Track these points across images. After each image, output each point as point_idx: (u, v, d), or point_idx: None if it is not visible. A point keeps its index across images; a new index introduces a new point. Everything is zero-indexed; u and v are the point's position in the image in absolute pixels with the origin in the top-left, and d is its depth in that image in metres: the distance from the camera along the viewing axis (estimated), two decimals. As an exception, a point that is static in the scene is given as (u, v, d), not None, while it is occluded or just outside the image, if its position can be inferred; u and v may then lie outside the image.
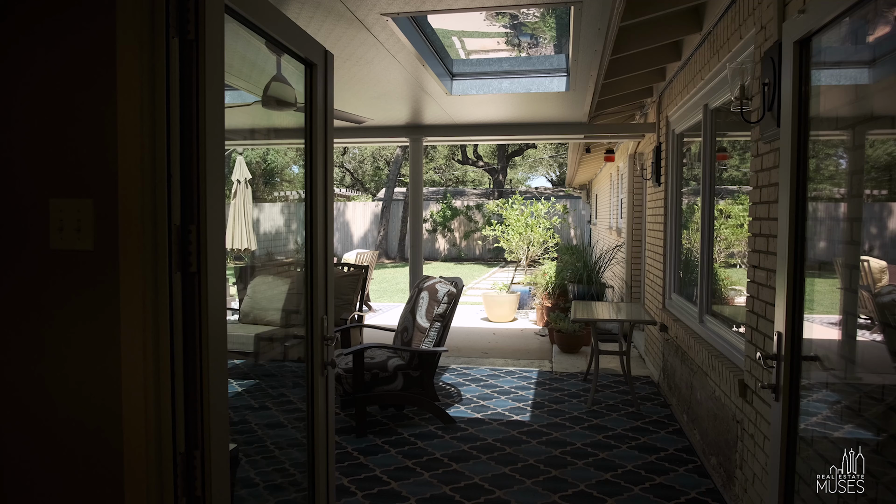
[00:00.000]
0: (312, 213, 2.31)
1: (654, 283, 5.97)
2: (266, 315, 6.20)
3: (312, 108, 2.30)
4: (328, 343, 2.34)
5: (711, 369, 3.65)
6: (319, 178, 2.32)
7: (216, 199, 1.58)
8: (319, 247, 2.32)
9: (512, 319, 9.23)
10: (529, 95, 5.07)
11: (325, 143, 2.37)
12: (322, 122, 2.34)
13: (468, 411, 4.86)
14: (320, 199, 2.32)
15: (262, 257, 13.21)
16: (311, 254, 2.31)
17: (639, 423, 4.53)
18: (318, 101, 2.31)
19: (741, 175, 4.29)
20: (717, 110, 4.11)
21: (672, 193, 5.36)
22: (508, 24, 8.93)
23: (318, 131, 2.31)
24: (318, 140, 2.31)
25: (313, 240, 2.30)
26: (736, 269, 4.29)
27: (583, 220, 21.92)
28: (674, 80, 4.99)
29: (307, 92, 2.30)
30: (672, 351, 4.92)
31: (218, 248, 1.58)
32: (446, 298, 4.55)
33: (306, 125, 2.31)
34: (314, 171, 2.31)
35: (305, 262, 2.33)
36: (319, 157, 2.32)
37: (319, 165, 2.32)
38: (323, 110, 2.35)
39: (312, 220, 2.31)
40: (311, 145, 2.30)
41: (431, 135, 6.56)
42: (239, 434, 4.52)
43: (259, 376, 6.04)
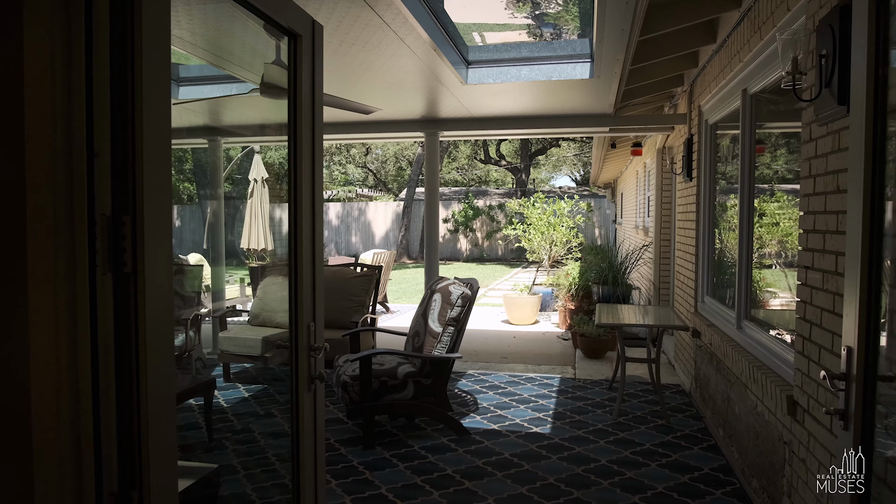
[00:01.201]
0: (297, 208, 2.02)
1: (684, 284, 5.58)
2: (275, 317, 5.96)
3: (297, 89, 2.01)
4: (315, 354, 2.06)
5: (752, 381, 3.28)
6: (305, 166, 2.03)
7: (159, 185, 1.30)
8: (305, 245, 2.03)
9: (533, 322, 8.88)
10: (550, 84, 4.74)
11: (313, 129, 2.08)
12: (308, 105, 2.05)
13: (484, 422, 4.54)
14: (306, 193, 2.03)
15: (276, 258, 13.05)
16: (294, 253, 2.02)
17: (669, 438, 4.17)
18: (304, 79, 2.02)
19: (777, 171, 3.90)
20: (757, 98, 3.73)
21: (705, 189, 4.97)
22: (530, 14, 8.58)
23: (303, 115, 2.02)
24: (303, 125, 2.02)
25: (298, 237, 2.02)
26: (771, 269, 3.91)
27: (608, 219, 21.41)
28: (707, 65, 4.60)
29: (290, 69, 2.02)
30: (706, 359, 4.54)
31: (160, 245, 1.30)
32: (460, 301, 4.24)
33: (290, 108, 2.03)
34: (299, 159, 2.02)
35: (289, 262, 2.04)
36: (305, 144, 2.04)
37: (305, 153, 2.04)
38: (310, 91, 2.06)
39: (297, 215, 2.02)
40: (296, 131, 2.02)
41: (447, 129, 6.26)
42: (240, 444, 4.27)
43: (267, 380, 5.81)
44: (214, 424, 4.52)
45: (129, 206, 1.25)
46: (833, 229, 2.25)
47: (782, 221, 3.80)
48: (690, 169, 5.32)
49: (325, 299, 5.96)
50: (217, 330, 6.19)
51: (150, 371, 1.28)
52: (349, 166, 32.01)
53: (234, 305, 9.42)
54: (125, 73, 1.24)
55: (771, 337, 3.38)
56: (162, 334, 1.31)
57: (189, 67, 5.33)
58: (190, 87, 5.26)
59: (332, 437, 4.27)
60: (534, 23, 8.84)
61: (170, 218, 1.34)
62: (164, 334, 1.32)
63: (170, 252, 1.34)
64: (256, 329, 5.84)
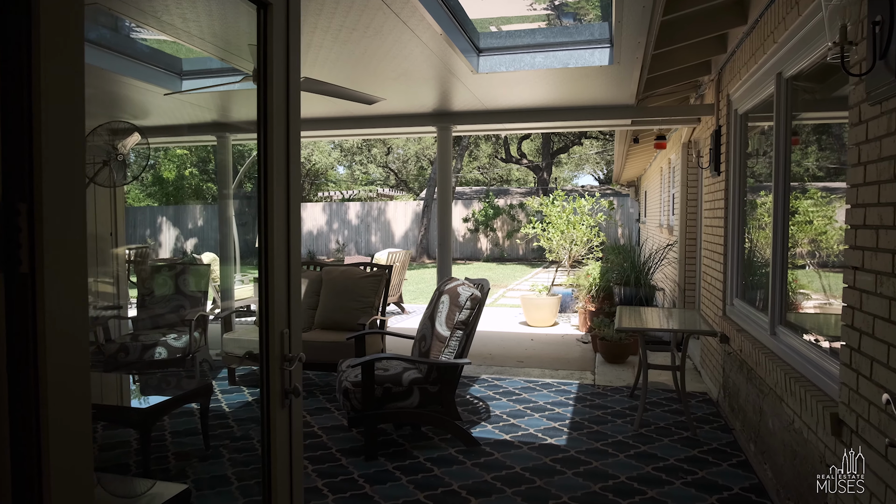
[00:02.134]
0: (267, 198, 1.78)
1: (712, 286, 5.24)
2: (282, 318, 5.76)
3: (266, 69, 1.77)
4: (289, 365, 1.82)
5: (788, 394, 2.96)
6: (278, 156, 1.80)
7: (64, 167, 1.06)
8: (277, 240, 1.79)
9: (552, 324, 8.57)
10: (567, 72, 4.45)
11: (287, 115, 1.84)
12: (281, 87, 1.81)
13: (496, 431, 4.27)
14: (278, 186, 1.80)
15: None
16: (265, 249, 1.79)
17: (696, 452, 3.85)
18: (276, 57, 1.78)
19: (812, 165, 3.57)
20: (794, 83, 3.40)
21: (734, 184, 4.63)
22: (550, 5, 8.27)
23: (274, 99, 1.78)
24: (274, 110, 1.78)
25: (268, 231, 1.78)
26: (804, 270, 3.58)
27: (631, 218, 20.93)
28: (737, 49, 4.27)
29: (259, 45, 1.78)
30: (735, 366, 4.21)
31: (66, 240, 1.07)
32: (469, 303, 3.98)
33: (259, 91, 1.79)
34: (270, 150, 1.78)
35: (259, 260, 1.81)
36: (278, 131, 1.80)
37: (278, 142, 1.80)
38: (283, 71, 1.82)
39: (267, 206, 1.78)
40: (266, 117, 1.78)
41: (460, 122, 5.99)
42: (237, 453, 4.07)
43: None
44: (214, 430, 4.34)
45: (24, 192, 1.02)
46: (889, 224, 1.94)
47: (816, 219, 3.50)
48: (718, 163, 4.98)
49: (331, 300, 5.69)
50: (224, 331, 6.02)
51: (54, 393, 1.05)
52: (370, 166, 31.94)
53: (248, 305, 9.30)
54: (19, 30, 1.01)
55: (809, 345, 3.05)
56: (70, 348, 1.08)
57: (192, 60, 5.16)
58: (193, 80, 5.09)
59: (333, 446, 4.05)
60: (553, 13, 8.53)
61: (81, 209, 1.11)
62: (72, 348, 1.08)
63: (81, 249, 1.10)
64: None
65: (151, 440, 3.72)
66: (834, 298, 3.39)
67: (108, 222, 7.34)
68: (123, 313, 6.94)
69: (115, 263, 7.39)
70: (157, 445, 4.08)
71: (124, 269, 7.49)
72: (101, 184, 7.03)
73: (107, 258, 7.23)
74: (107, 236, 7.25)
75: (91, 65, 4.73)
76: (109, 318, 6.39)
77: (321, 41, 3.76)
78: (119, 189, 7.59)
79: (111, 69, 4.92)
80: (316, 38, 3.69)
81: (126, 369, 5.21)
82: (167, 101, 5.72)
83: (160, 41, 5.12)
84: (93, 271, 6.98)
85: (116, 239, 7.47)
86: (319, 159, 30.15)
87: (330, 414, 4.70)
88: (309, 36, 3.66)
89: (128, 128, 6.80)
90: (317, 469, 3.67)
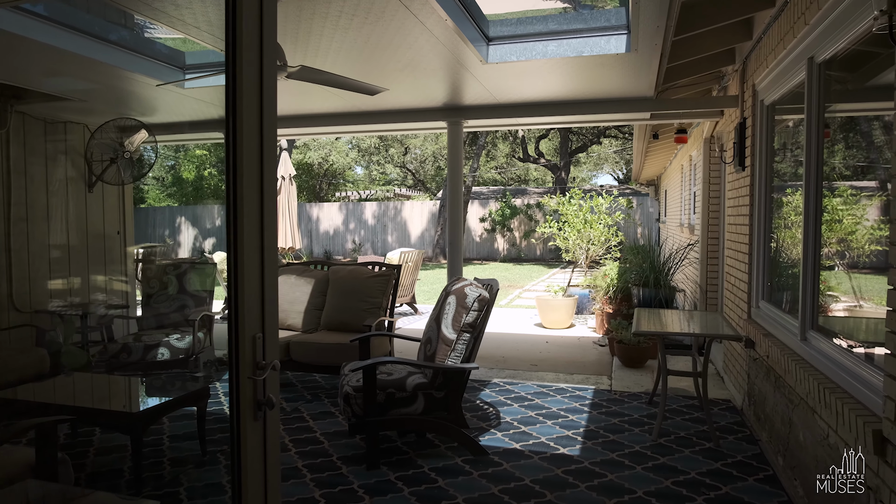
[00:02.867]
0: (237, 188, 1.60)
1: (735, 287, 4.97)
2: (287, 318, 5.61)
3: (236, 44, 1.59)
4: (261, 373, 1.63)
5: (822, 405, 2.71)
6: (249, 144, 1.61)
7: None
8: (248, 232, 1.61)
9: (568, 326, 8.32)
10: (582, 61, 4.22)
11: (261, 98, 1.65)
12: (254, 64, 1.63)
13: (505, 440, 4.06)
14: (250, 176, 1.61)
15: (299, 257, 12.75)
16: (235, 246, 1.60)
17: (719, 465, 3.60)
18: (246, 33, 1.59)
19: (844, 161, 3.31)
20: (827, 69, 3.14)
21: (761, 179, 4.36)
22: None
23: (245, 80, 1.59)
24: (245, 93, 1.59)
25: (239, 226, 1.59)
26: (832, 271, 3.33)
27: (650, 217, 20.53)
28: (764, 35, 4.01)
29: (228, 21, 1.59)
30: (761, 373, 3.95)
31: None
32: (476, 305, 3.77)
33: (227, 71, 1.61)
34: (240, 138, 1.60)
35: (227, 255, 1.62)
36: (249, 112, 1.61)
37: (249, 123, 1.61)
38: (255, 45, 1.63)
39: (237, 198, 1.60)
40: (235, 100, 1.59)
41: (471, 117, 5.78)
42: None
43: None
44: (213, 435, 4.18)
45: None
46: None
47: (845, 217, 3.25)
48: (743, 157, 4.72)
49: (337, 301, 5.50)
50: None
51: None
52: (388, 166, 31.88)
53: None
54: None
55: (845, 352, 2.79)
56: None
57: (194, 54, 5.02)
58: (195, 73, 4.95)
59: (334, 452, 3.87)
60: (570, 5, 8.27)
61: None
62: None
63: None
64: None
65: (144, 445, 3.58)
66: (864, 301, 3.15)
67: (117, 221, 7.26)
68: (131, 312, 6.86)
69: (123, 262, 7.31)
70: (153, 451, 3.94)
71: (133, 267, 7.42)
72: (109, 182, 6.96)
73: (114, 257, 7.15)
74: (114, 235, 7.17)
75: (97, 60, 4.62)
76: (116, 318, 6.30)
77: (321, 29, 3.59)
78: (128, 187, 7.52)
79: (119, 65, 4.81)
80: (315, 24, 3.51)
81: (127, 370, 5.09)
82: (173, 98, 5.60)
83: (174, 39, 5.00)
84: (100, 270, 6.91)
85: (125, 237, 7.39)
86: (337, 159, 30.16)
87: (334, 419, 4.52)
88: (308, 23, 3.48)
89: (135, 125, 6.71)
90: (315, 478, 3.49)
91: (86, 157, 6.76)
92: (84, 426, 4.21)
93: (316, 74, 3.31)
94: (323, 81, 3.42)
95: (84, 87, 5.74)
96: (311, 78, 3.33)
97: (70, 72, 5.15)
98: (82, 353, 5.43)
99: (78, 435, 4.17)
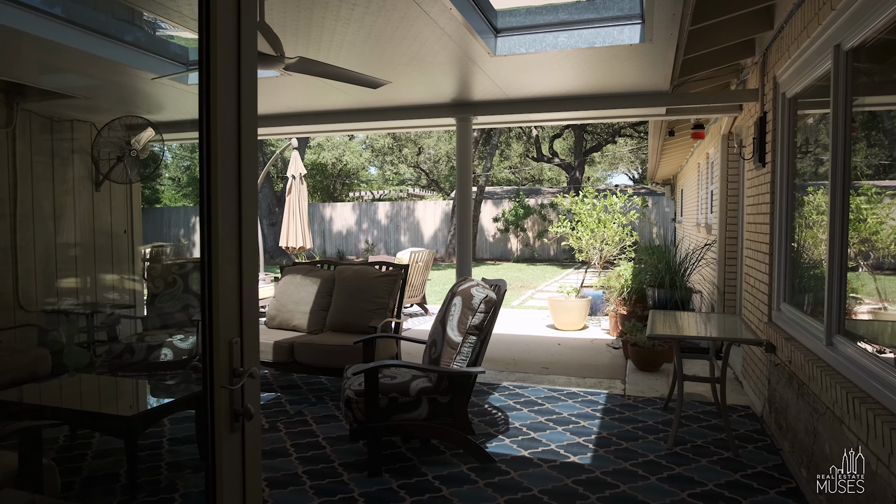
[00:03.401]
0: (211, 180, 1.47)
1: (755, 289, 4.77)
2: (293, 319, 5.50)
3: (210, 25, 1.46)
4: (238, 381, 1.50)
5: (851, 416, 2.53)
6: (225, 132, 1.48)
7: None
8: (223, 227, 1.48)
9: (581, 328, 8.13)
10: (594, 53, 4.05)
11: (238, 84, 1.53)
12: (230, 43, 1.50)
13: (513, 447, 3.91)
14: (225, 168, 1.48)
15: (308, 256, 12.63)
16: (207, 239, 1.47)
17: (738, 477, 3.41)
18: (221, 20, 1.46)
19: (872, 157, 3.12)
20: (855, 58, 2.95)
21: (782, 176, 4.17)
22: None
23: (219, 62, 1.46)
24: (219, 75, 1.47)
25: (212, 216, 1.46)
26: (856, 272, 3.15)
27: (666, 217, 20.21)
28: (786, 24, 3.82)
29: (201, 8, 1.46)
30: (783, 379, 3.76)
31: None
32: (483, 306, 3.62)
33: (201, 52, 1.48)
34: (214, 114, 1.47)
35: (201, 252, 1.49)
36: (224, 95, 1.48)
37: (225, 117, 1.49)
38: (233, 27, 1.50)
39: (211, 192, 1.47)
40: (209, 84, 1.47)
41: (480, 113, 5.63)
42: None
43: (282, 388, 5.35)
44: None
45: None
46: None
47: (870, 216, 3.08)
48: (763, 153, 4.52)
49: (343, 301, 5.38)
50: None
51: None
52: (402, 166, 31.83)
53: (262, 307, 9.12)
54: None
55: (876, 359, 2.61)
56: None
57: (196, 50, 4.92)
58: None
59: (336, 458, 3.74)
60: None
61: None
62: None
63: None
64: (270, 332, 5.39)
65: (140, 449, 3.48)
66: (889, 304, 2.97)
67: (124, 220, 7.21)
68: (138, 312, 6.80)
69: (130, 262, 7.26)
70: (151, 454, 3.85)
71: (140, 267, 7.36)
72: (116, 180, 6.90)
73: (121, 256, 7.09)
74: (121, 234, 7.12)
75: (103, 57, 4.55)
76: (121, 318, 6.24)
77: (321, 20, 3.46)
78: (136, 186, 7.46)
79: (125, 62, 4.73)
80: (316, 15, 3.39)
81: (129, 371, 5.01)
82: (178, 94, 5.52)
83: (186, 39, 4.91)
84: (106, 269, 6.86)
85: (132, 236, 7.33)
86: (351, 159, 30.16)
87: (338, 423, 4.40)
88: (307, 13, 3.36)
89: (142, 123, 6.65)
90: (315, 486, 3.37)
91: (92, 155, 6.71)
92: (82, 429, 4.13)
93: (315, 66, 3.19)
94: (323, 74, 3.30)
95: (89, 83, 5.69)
96: (311, 70, 3.21)
97: (74, 68, 5.09)
98: (85, 353, 5.36)
99: (77, 437, 4.09)
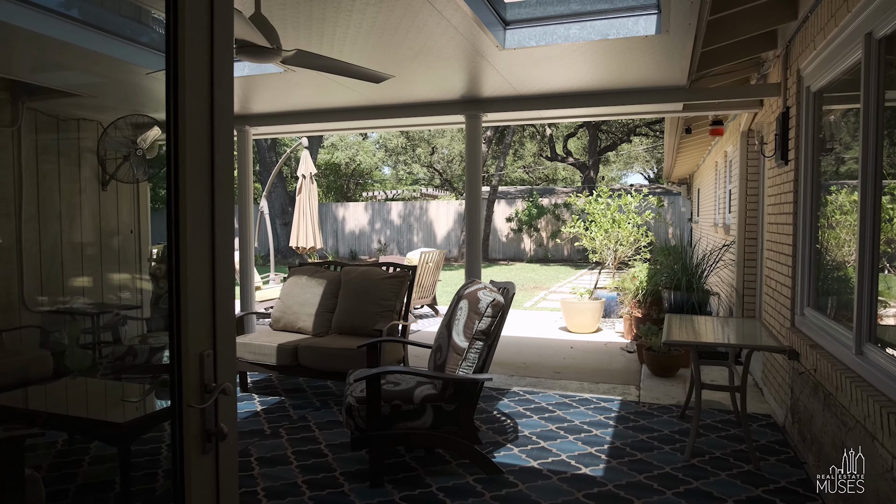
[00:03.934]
0: (178, 173, 1.33)
1: (776, 292, 4.56)
2: (297, 321, 5.38)
3: (177, 22, 1.32)
4: (209, 397, 1.36)
5: (884, 432, 2.34)
6: (195, 125, 1.35)
7: None
8: (193, 233, 1.34)
9: (595, 330, 7.94)
10: (607, 45, 3.88)
11: (211, 67, 1.39)
12: (203, 25, 1.36)
13: (522, 456, 3.74)
14: (200, 153, 1.35)
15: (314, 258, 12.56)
16: (175, 241, 1.33)
17: (759, 492, 3.22)
18: (189, 7, 1.33)
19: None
20: (888, 55, 2.75)
21: (806, 174, 3.96)
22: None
23: (186, 38, 1.33)
24: (187, 57, 1.33)
25: (180, 214, 1.33)
26: (882, 274, 2.95)
27: (682, 217, 19.89)
28: (811, 13, 3.61)
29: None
30: (808, 388, 3.56)
31: None
32: (490, 310, 3.47)
33: (167, 56, 1.35)
34: (182, 106, 1.33)
35: (168, 256, 1.36)
36: (196, 84, 1.35)
37: (195, 97, 1.35)
38: (204, 23, 1.36)
39: (178, 188, 1.33)
40: (176, 66, 1.33)
41: (490, 110, 5.47)
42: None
43: (287, 391, 5.24)
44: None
45: None
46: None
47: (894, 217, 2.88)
48: (786, 150, 4.31)
49: (349, 303, 5.23)
50: (238, 333, 5.69)
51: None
52: (415, 166, 31.74)
53: (270, 307, 9.03)
54: None
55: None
56: None
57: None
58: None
59: (338, 467, 3.61)
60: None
61: None
62: None
63: None
64: (275, 334, 5.28)
65: (133, 455, 3.37)
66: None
67: (131, 219, 7.16)
68: (144, 314, 6.73)
69: (137, 262, 7.21)
70: (149, 461, 3.74)
71: (147, 267, 7.31)
72: (122, 179, 6.84)
73: (128, 257, 7.04)
74: (128, 234, 7.07)
75: (108, 55, 4.45)
76: (126, 319, 6.17)
77: (322, 12, 3.33)
78: (143, 185, 7.42)
79: (131, 59, 4.64)
80: (316, 7, 3.25)
81: (130, 374, 4.92)
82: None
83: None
84: (112, 269, 6.81)
85: (139, 237, 7.29)
86: (364, 159, 30.11)
87: (341, 429, 4.26)
88: (307, 5, 3.22)
89: (148, 122, 6.57)
90: (314, 496, 3.23)
91: (98, 154, 6.66)
92: (75, 435, 4.03)
93: (314, 60, 3.05)
94: (322, 67, 3.16)
95: (95, 81, 5.61)
96: (310, 63, 3.07)
97: (80, 66, 5.00)
98: (87, 355, 5.28)
99: (74, 442, 3.99)
